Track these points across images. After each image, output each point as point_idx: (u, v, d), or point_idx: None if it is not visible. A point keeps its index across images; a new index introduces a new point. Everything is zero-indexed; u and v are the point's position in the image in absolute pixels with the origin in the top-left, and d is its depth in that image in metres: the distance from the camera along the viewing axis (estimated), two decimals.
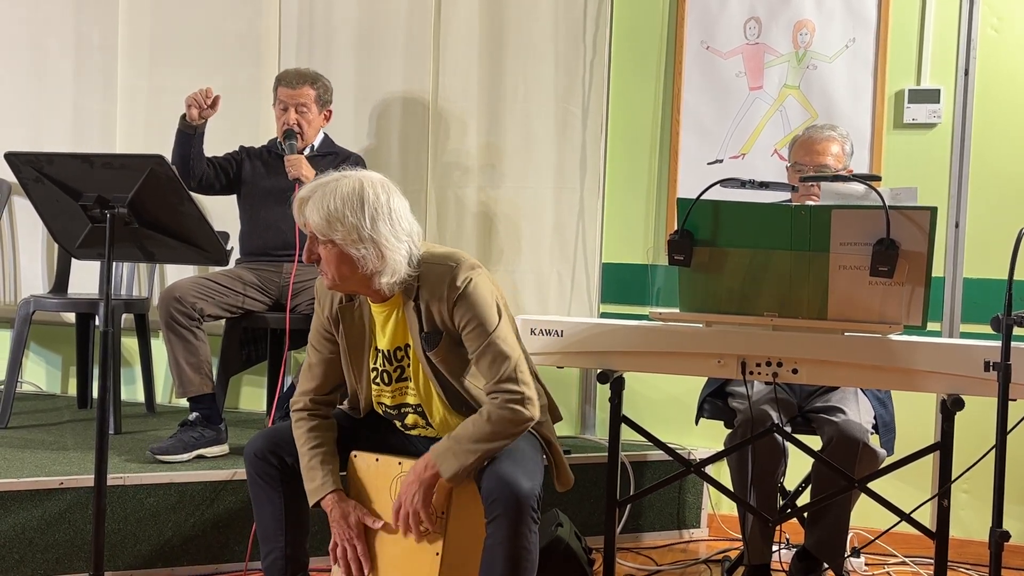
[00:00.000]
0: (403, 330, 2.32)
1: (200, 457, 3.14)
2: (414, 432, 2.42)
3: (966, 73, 3.40)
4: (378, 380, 2.38)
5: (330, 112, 3.64)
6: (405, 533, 2.26)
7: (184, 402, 3.34)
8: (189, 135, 3.41)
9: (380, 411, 2.44)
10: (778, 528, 2.82)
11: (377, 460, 2.36)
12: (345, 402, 2.49)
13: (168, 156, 2.32)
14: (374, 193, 2.19)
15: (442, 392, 2.32)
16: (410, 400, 2.38)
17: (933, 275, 2.35)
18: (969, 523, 3.38)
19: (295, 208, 2.24)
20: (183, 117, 3.40)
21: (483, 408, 2.23)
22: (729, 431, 2.84)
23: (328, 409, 2.43)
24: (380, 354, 2.36)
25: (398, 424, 2.43)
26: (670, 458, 2.76)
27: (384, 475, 2.34)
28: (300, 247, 3.42)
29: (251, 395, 4.13)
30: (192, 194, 2.37)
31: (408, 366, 2.35)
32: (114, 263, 2.33)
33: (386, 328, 2.34)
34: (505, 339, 2.25)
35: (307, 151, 3.58)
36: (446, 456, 2.20)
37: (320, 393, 2.41)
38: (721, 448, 2.79)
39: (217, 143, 4.04)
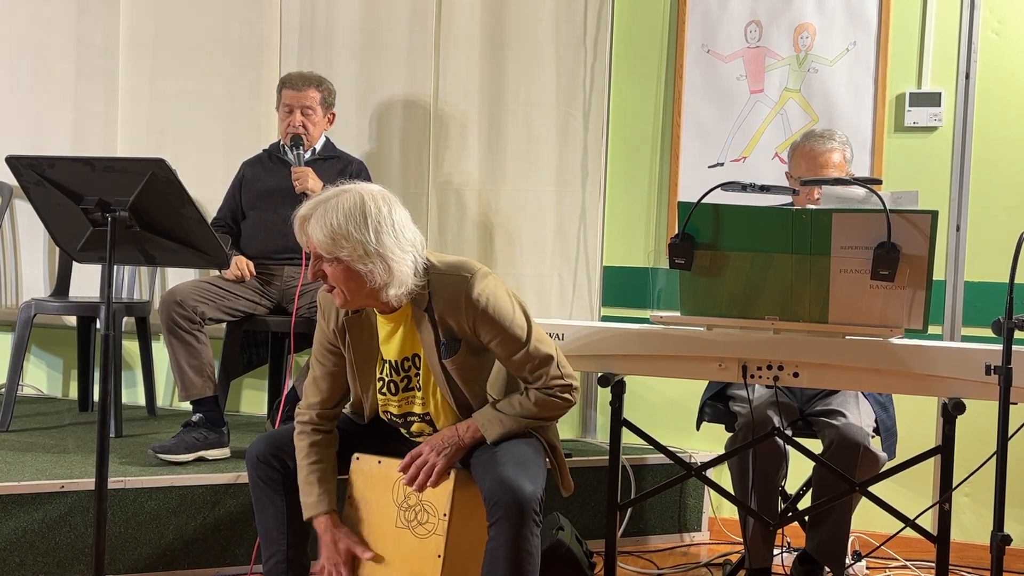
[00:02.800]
0: (412, 340, 2.32)
1: (201, 459, 3.14)
2: (420, 439, 2.42)
3: (967, 76, 3.40)
4: (384, 390, 2.38)
5: (333, 115, 3.65)
6: (410, 480, 2.27)
7: (185, 405, 3.34)
8: None
9: (386, 419, 2.44)
10: (779, 532, 2.82)
11: (380, 463, 2.36)
12: (349, 407, 2.49)
13: (168, 159, 2.31)
14: (375, 206, 2.18)
15: (452, 401, 2.33)
16: (416, 409, 2.38)
17: (934, 278, 2.35)
18: (970, 527, 3.37)
19: (296, 227, 2.22)
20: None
21: (529, 391, 2.30)
22: (730, 435, 2.84)
23: (332, 423, 2.42)
24: (387, 364, 2.36)
25: (403, 432, 2.44)
26: (671, 461, 2.77)
27: (386, 477, 2.33)
28: (304, 254, 3.44)
29: (252, 398, 4.13)
30: (193, 198, 2.37)
31: (416, 376, 2.35)
32: (115, 266, 2.33)
33: (393, 339, 2.34)
34: (541, 340, 2.30)
35: (309, 154, 3.57)
36: (492, 423, 2.27)
37: (326, 407, 2.41)
38: (722, 452, 2.79)
39: (218, 146, 4.06)
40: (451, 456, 2.27)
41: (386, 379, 2.37)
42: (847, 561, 2.82)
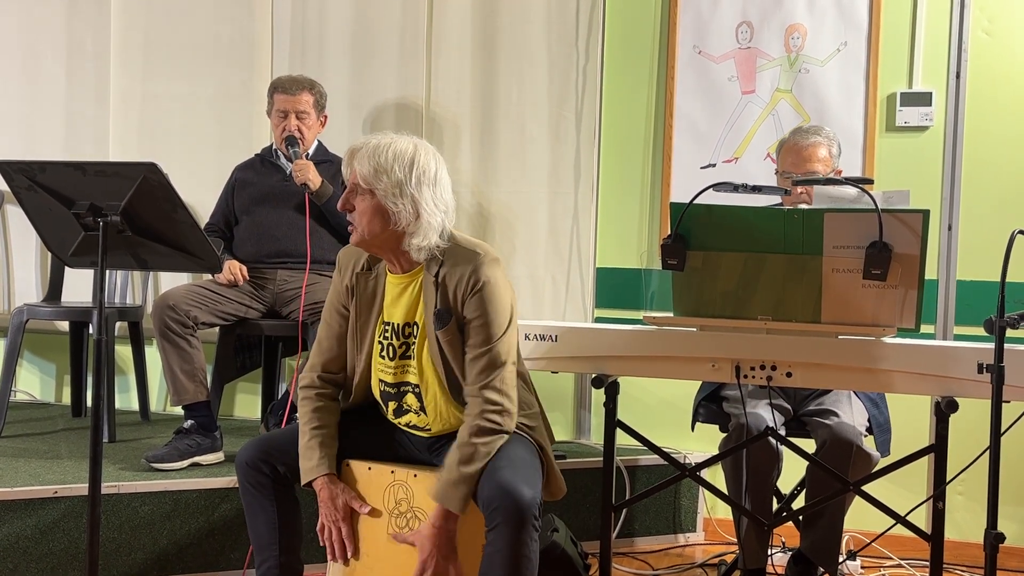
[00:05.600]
0: (417, 305, 2.33)
1: (195, 465, 3.14)
2: (404, 419, 2.41)
3: (958, 76, 3.41)
4: (383, 354, 2.38)
5: (326, 118, 3.64)
6: None
7: (179, 410, 3.33)
8: None
9: (377, 392, 2.42)
10: (774, 532, 2.82)
11: (369, 469, 2.35)
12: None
13: (160, 162, 2.31)
14: (425, 159, 2.27)
15: (443, 375, 2.32)
16: (411, 379, 2.38)
17: (926, 278, 2.36)
18: (964, 525, 3.38)
19: (345, 158, 2.29)
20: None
21: (463, 429, 2.24)
22: (724, 435, 2.84)
23: (335, 390, 2.43)
24: (389, 327, 2.36)
25: (392, 407, 2.41)
26: (665, 462, 2.77)
27: (377, 484, 2.33)
28: (301, 253, 3.44)
29: (246, 402, 4.12)
30: (185, 201, 2.37)
31: (414, 344, 2.35)
32: (107, 271, 2.33)
33: (400, 301, 2.34)
34: (508, 347, 2.28)
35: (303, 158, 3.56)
36: (447, 492, 2.19)
37: (328, 370, 2.42)
38: (716, 452, 2.79)
39: (210, 149, 4.05)
40: (449, 547, 2.21)
41: (385, 343, 2.36)
42: (841, 560, 2.82)
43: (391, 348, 2.36)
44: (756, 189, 2.51)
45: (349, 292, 2.39)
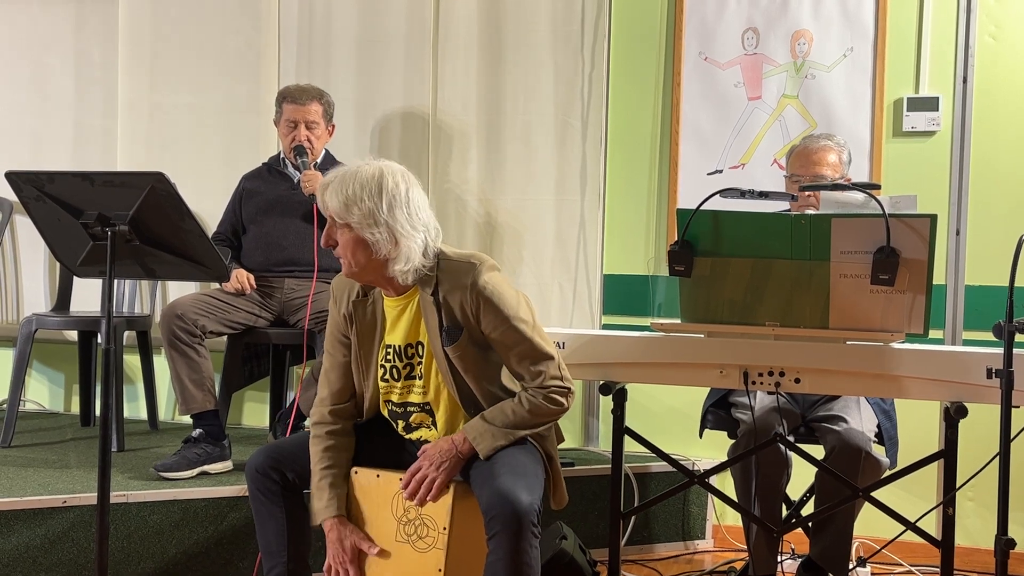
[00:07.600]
0: (417, 327, 2.33)
1: (204, 474, 3.14)
2: (416, 435, 2.41)
3: (964, 81, 3.41)
4: (386, 377, 2.38)
5: (333, 127, 3.65)
6: (411, 495, 2.26)
7: (187, 419, 3.34)
8: None
9: (386, 411, 2.43)
10: (783, 538, 2.81)
11: (378, 476, 2.35)
12: None
13: (168, 172, 2.32)
14: (393, 181, 2.24)
15: (455, 391, 2.32)
16: (415, 399, 2.38)
17: (934, 283, 2.35)
18: (975, 531, 3.37)
19: (318, 193, 2.30)
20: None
21: (521, 395, 2.29)
22: (732, 441, 2.84)
23: (347, 423, 2.41)
24: (391, 349, 2.36)
25: (401, 425, 2.42)
26: (674, 469, 2.76)
27: (385, 491, 2.32)
28: (308, 261, 3.44)
29: (254, 411, 4.12)
30: (193, 211, 2.37)
31: (419, 364, 2.35)
32: (116, 280, 2.34)
33: (399, 323, 2.34)
34: (544, 338, 2.31)
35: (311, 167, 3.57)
36: (484, 436, 2.25)
37: (337, 402, 2.41)
38: (725, 459, 2.78)
39: (217, 159, 4.06)
40: (450, 469, 2.27)
41: (388, 366, 2.37)
42: (851, 566, 2.81)
43: (395, 370, 2.37)
44: (763, 195, 2.52)
45: (348, 321, 2.38)
